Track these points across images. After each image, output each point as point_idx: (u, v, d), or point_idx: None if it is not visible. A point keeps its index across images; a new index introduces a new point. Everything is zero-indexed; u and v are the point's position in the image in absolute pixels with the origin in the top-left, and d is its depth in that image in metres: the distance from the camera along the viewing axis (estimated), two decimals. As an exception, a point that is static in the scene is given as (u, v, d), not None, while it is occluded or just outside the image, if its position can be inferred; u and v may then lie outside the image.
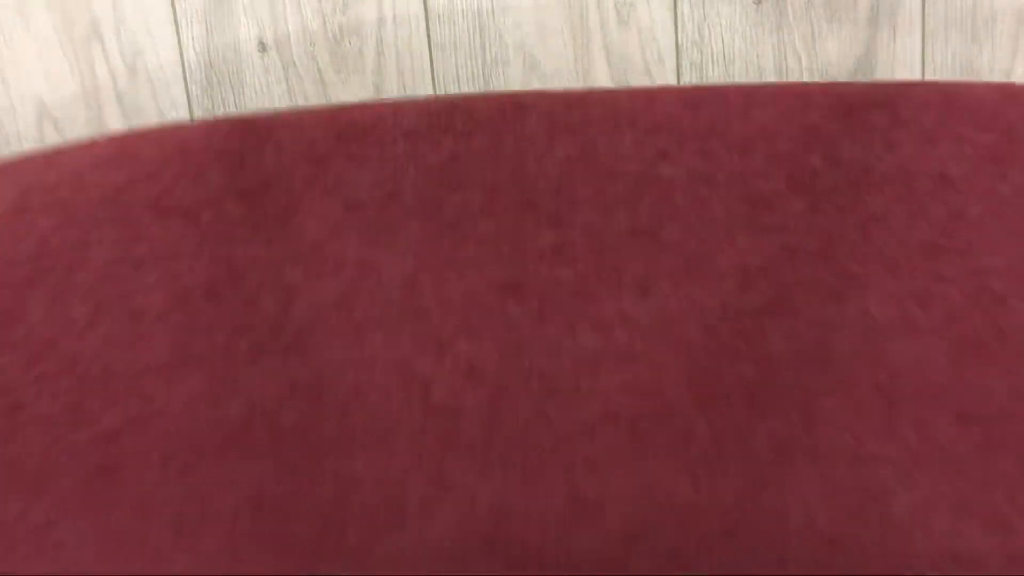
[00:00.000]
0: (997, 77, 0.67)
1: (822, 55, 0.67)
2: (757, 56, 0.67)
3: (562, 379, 0.62)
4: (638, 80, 0.68)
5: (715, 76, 0.68)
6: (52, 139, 0.71)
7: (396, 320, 0.59)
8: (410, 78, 0.69)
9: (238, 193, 0.59)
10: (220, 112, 0.70)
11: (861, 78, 0.68)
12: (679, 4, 0.67)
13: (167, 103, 0.70)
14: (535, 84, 0.68)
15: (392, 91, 0.69)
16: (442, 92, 0.69)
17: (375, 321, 0.59)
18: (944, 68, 0.67)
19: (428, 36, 0.68)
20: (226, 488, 0.56)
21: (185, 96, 0.70)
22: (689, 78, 0.68)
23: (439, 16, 0.68)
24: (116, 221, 0.58)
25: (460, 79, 0.69)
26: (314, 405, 0.58)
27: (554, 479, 0.58)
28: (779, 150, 0.59)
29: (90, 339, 0.56)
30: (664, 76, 0.68)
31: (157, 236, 0.58)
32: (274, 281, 0.59)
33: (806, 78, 0.68)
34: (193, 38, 0.69)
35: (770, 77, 0.68)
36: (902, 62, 0.67)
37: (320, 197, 0.60)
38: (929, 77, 0.67)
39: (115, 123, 0.70)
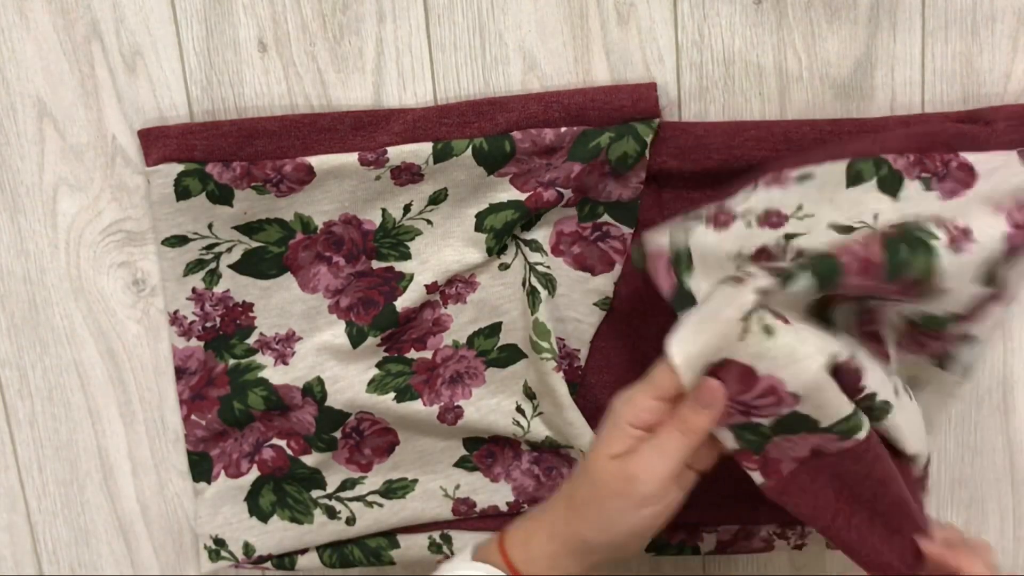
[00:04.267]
0: (997, 77, 0.67)
1: (822, 55, 0.67)
2: (757, 56, 0.67)
3: None
4: (638, 80, 0.68)
5: (715, 76, 0.68)
6: (52, 139, 0.71)
7: None
8: (410, 78, 0.69)
9: None
10: (220, 112, 0.70)
11: (861, 78, 0.67)
12: (679, 4, 0.67)
13: (167, 103, 0.70)
14: (535, 84, 0.68)
15: (392, 91, 0.69)
16: (442, 92, 0.69)
17: None
18: (944, 68, 0.67)
19: (428, 36, 0.68)
20: None
21: (185, 96, 0.70)
22: (689, 78, 0.68)
23: (439, 16, 0.68)
24: None
25: (460, 79, 0.69)
26: None
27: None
28: None
29: None
30: (664, 76, 0.68)
31: None
32: None
33: (806, 78, 0.68)
34: (193, 38, 0.69)
35: (770, 77, 0.68)
36: (902, 61, 0.67)
37: None
38: (929, 77, 0.67)
39: (115, 123, 0.70)
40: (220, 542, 0.75)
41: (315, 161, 0.67)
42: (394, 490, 0.74)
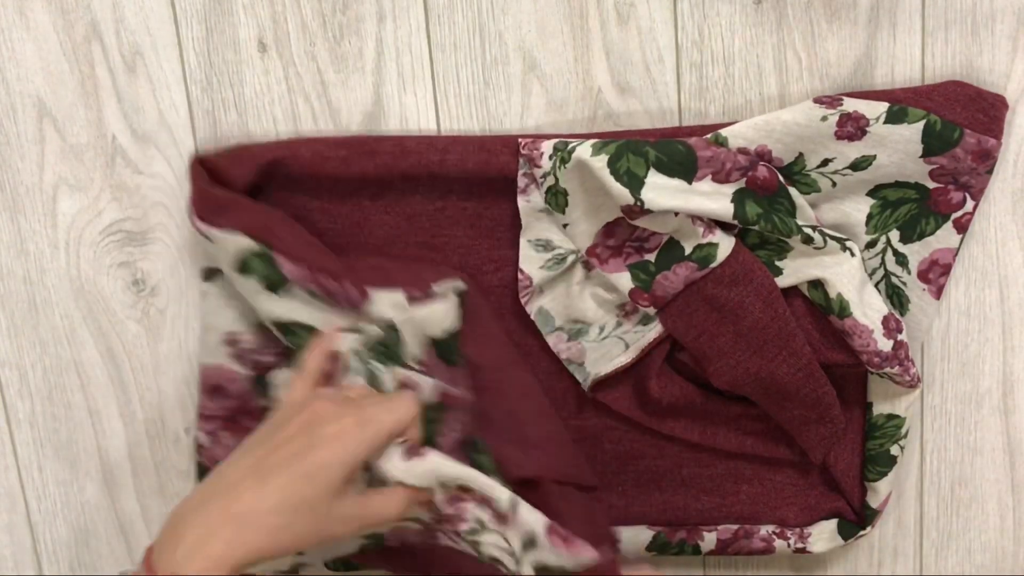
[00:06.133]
0: (997, 77, 0.67)
1: (822, 55, 0.67)
2: (757, 56, 0.67)
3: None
4: (638, 80, 0.68)
5: (715, 76, 0.68)
6: (52, 139, 0.71)
7: None
8: (410, 78, 0.69)
9: None
10: (220, 112, 0.70)
11: (861, 78, 0.68)
12: (679, 4, 0.67)
13: (167, 103, 0.70)
14: (535, 84, 0.68)
15: (392, 91, 0.69)
16: (442, 92, 0.69)
17: None
18: (944, 68, 0.67)
19: (428, 36, 0.68)
20: None
21: (185, 96, 0.70)
22: (689, 78, 0.68)
23: (439, 16, 0.68)
24: None
25: (460, 79, 0.69)
26: None
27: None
28: None
29: None
30: (664, 76, 0.68)
31: None
32: None
33: (806, 78, 0.68)
34: (193, 38, 0.69)
35: (770, 77, 0.68)
36: (902, 62, 0.67)
37: None
38: (929, 77, 0.67)
39: (115, 123, 0.70)
40: None
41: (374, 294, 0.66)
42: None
